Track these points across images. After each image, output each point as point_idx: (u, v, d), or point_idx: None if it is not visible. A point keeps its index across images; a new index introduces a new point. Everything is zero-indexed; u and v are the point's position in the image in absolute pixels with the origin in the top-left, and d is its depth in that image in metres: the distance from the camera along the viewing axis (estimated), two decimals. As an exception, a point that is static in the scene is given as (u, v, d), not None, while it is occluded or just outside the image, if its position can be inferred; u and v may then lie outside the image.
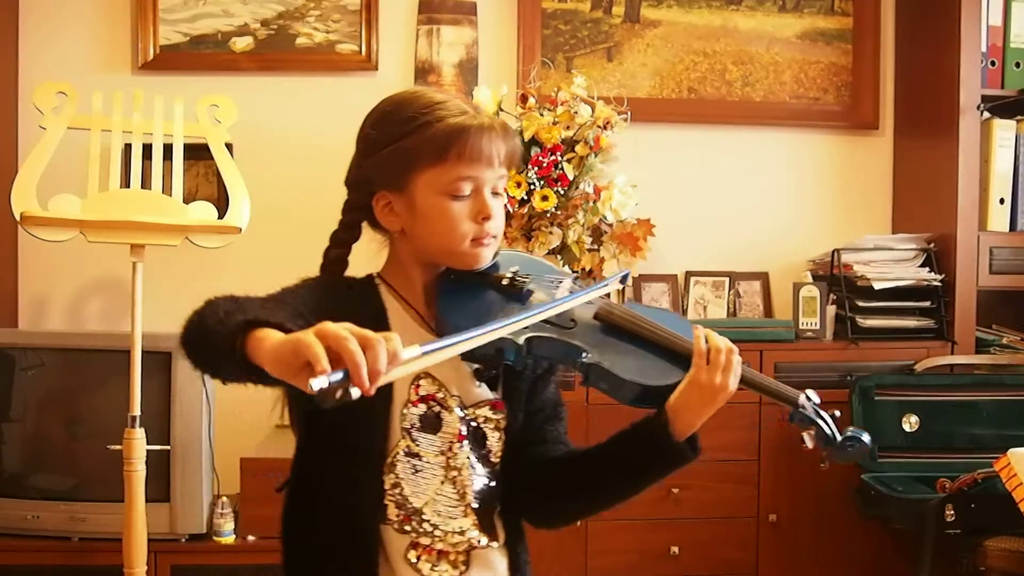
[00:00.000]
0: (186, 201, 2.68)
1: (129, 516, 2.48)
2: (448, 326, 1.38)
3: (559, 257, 2.92)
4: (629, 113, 2.93)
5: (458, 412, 1.41)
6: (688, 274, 3.30)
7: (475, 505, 1.41)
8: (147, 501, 2.52)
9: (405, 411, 1.38)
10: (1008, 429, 2.87)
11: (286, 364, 1.03)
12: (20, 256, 3.13)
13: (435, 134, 1.35)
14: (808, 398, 1.43)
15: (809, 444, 1.43)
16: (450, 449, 1.40)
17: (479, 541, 1.41)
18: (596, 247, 2.97)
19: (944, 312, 3.06)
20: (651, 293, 3.26)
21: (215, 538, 2.73)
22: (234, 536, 2.74)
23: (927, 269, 3.10)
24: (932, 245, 3.13)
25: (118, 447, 2.52)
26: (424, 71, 3.23)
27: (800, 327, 3.06)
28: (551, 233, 2.83)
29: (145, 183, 2.65)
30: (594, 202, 2.85)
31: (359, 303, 1.40)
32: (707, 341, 1.39)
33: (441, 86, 3.22)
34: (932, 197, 3.18)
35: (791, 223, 3.39)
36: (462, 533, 1.40)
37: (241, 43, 3.18)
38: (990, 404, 2.92)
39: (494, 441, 1.45)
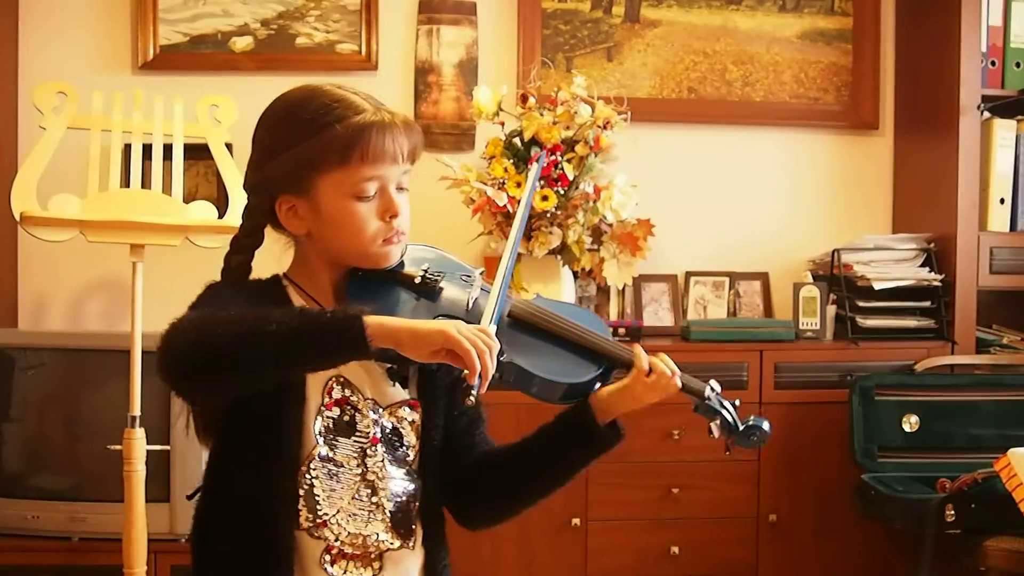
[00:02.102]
0: (186, 201, 2.69)
1: (129, 516, 2.48)
2: None
3: (559, 257, 2.92)
4: (629, 113, 2.93)
5: (372, 415, 1.40)
6: (688, 274, 3.30)
7: (390, 508, 1.40)
8: (147, 501, 2.52)
9: (319, 415, 1.37)
10: (1008, 429, 2.87)
11: (426, 346, 1.22)
12: (20, 256, 3.13)
13: (336, 136, 1.33)
14: (712, 389, 1.45)
15: (715, 433, 1.46)
16: (364, 452, 1.39)
17: (391, 544, 1.40)
18: (596, 247, 2.97)
19: (944, 312, 3.06)
20: (651, 293, 3.26)
21: (215, 538, 2.72)
22: (234, 536, 2.73)
23: (927, 269, 3.10)
24: (932, 245, 3.13)
25: (118, 447, 2.52)
26: (424, 71, 3.23)
27: (800, 327, 3.06)
28: (551, 233, 2.83)
29: (145, 183, 2.65)
30: (594, 202, 2.85)
31: (267, 303, 1.36)
32: (651, 367, 1.40)
33: (441, 86, 3.22)
34: (932, 197, 3.18)
35: (791, 223, 3.39)
36: (375, 536, 1.39)
37: (241, 43, 3.18)
38: (990, 404, 2.92)
39: (411, 442, 1.44)
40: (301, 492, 1.35)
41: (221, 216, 2.66)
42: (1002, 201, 3.10)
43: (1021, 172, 3.11)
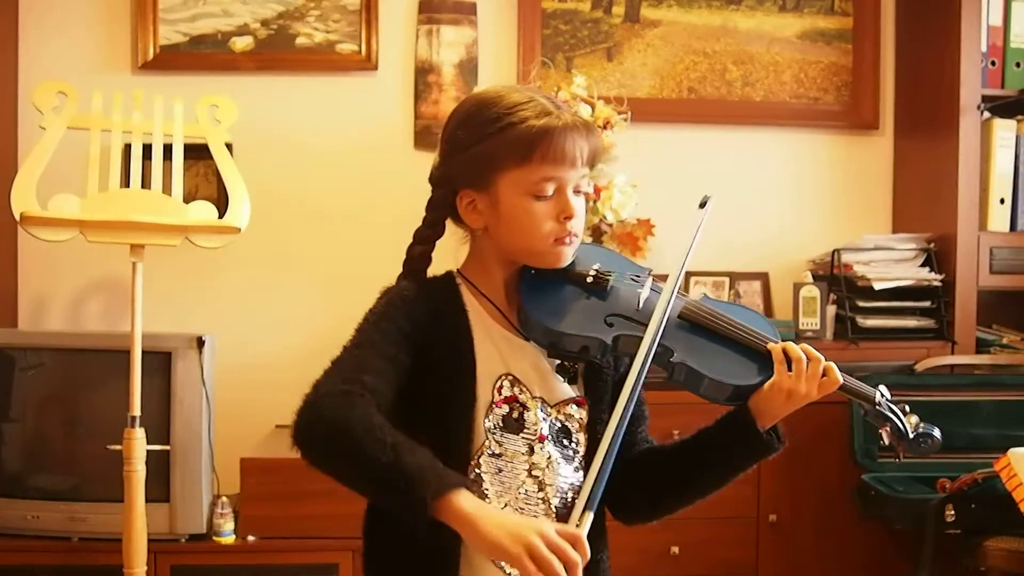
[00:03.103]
0: (186, 201, 2.68)
1: (129, 516, 2.48)
2: (533, 323, 1.40)
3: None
4: (629, 113, 2.93)
5: (540, 412, 1.43)
6: (688, 274, 3.30)
7: (556, 503, 1.43)
8: (147, 501, 2.52)
9: (489, 412, 1.41)
10: (1008, 429, 2.87)
11: (490, 555, 1.27)
12: (20, 256, 3.13)
13: (519, 135, 1.37)
14: (882, 394, 1.47)
15: (885, 440, 1.47)
16: (532, 449, 1.42)
17: None
18: (591, 242, 2.97)
19: (944, 312, 3.06)
20: (651, 293, 3.26)
21: (215, 538, 2.73)
22: (234, 536, 2.74)
23: (927, 269, 3.10)
24: (932, 245, 3.13)
25: (118, 447, 2.52)
26: (424, 71, 3.23)
27: (800, 327, 3.06)
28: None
29: (145, 183, 2.65)
30: (594, 202, 2.85)
31: (441, 303, 1.43)
32: (785, 352, 1.43)
33: (441, 86, 3.22)
34: (932, 197, 3.18)
35: (791, 223, 3.39)
36: None
37: (241, 43, 3.18)
38: (990, 404, 2.92)
39: (579, 439, 1.47)
40: (470, 487, 1.38)
41: (221, 216, 2.66)
42: (1002, 201, 3.10)
43: (1021, 172, 3.11)
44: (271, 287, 3.18)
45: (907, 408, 1.47)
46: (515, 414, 1.42)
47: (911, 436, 1.45)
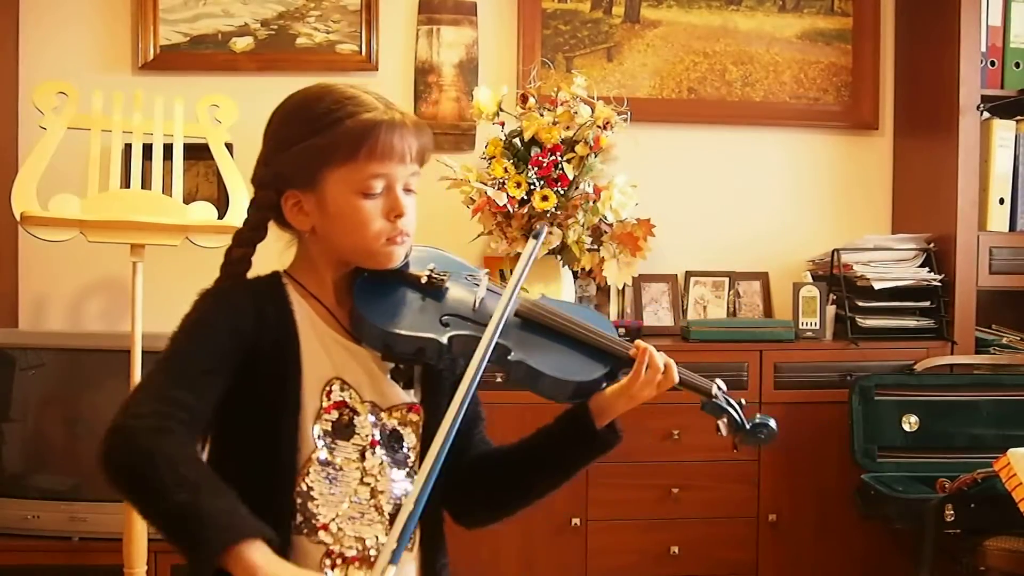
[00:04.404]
0: (186, 201, 2.69)
1: (129, 516, 2.48)
2: (366, 326, 1.36)
3: (559, 257, 2.92)
4: (629, 113, 2.93)
5: (370, 418, 1.39)
6: (688, 274, 3.30)
7: (389, 510, 1.39)
8: (147, 501, 2.52)
9: (318, 419, 1.36)
10: (1008, 429, 2.87)
11: None
12: (20, 256, 3.13)
13: (346, 131, 1.33)
14: (719, 387, 1.47)
15: (723, 431, 1.47)
16: (363, 455, 1.38)
17: None
18: (596, 247, 2.97)
19: (944, 312, 3.06)
20: (651, 293, 3.26)
21: (215, 538, 2.72)
22: (234, 536, 2.73)
23: (927, 269, 3.10)
24: (932, 245, 3.13)
25: (118, 447, 2.52)
26: (424, 71, 3.23)
27: (800, 327, 3.06)
28: (551, 233, 2.83)
29: (145, 183, 2.65)
30: (594, 202, 2.85)
31: (265, 303, 1.37)
32: (648, 360, 1.42)
33: (441, 86, 3.22)
34: (932, 197, 3.18)
35: (791, 223, 3.39)
36: (374, 539, 1.38)
37: (241, 43, 3.18)
38: (990, 404, 2.92)
39: (411, 443, 1.43)
40: (298, 496, 1.34)
41: (221, 216, 2.67)
42: (1001, 201, 3.10)
43: (1021, 172, 3.11)
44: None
45: (743, 401, 1.49)
46: (345, 419, 1.37)
47: (747, 427, 1.46)
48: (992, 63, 3.11)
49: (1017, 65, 3.11)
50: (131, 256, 2.58)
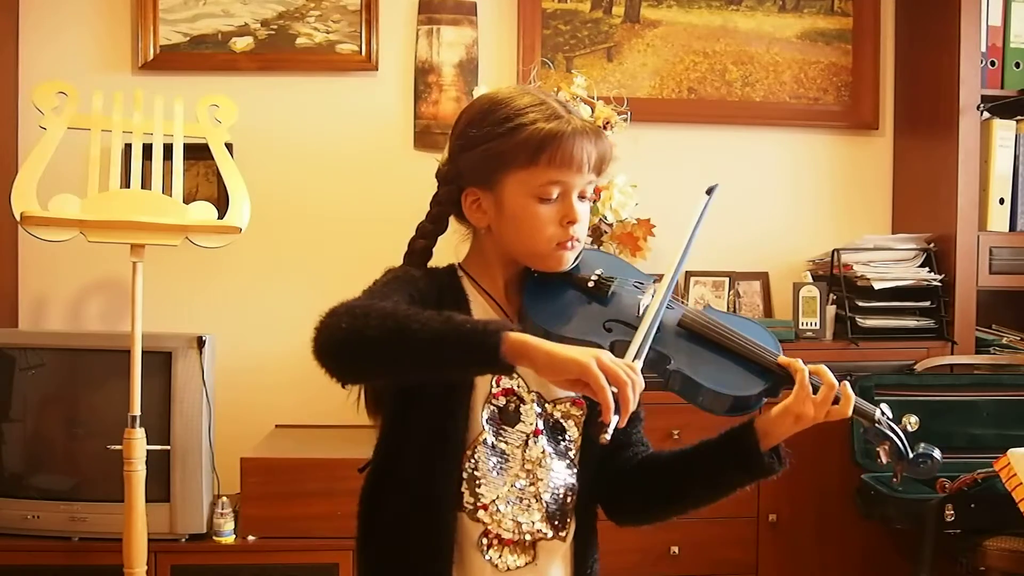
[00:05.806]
0: (186, 201, 2.68)
1: (129, 516, 2.49)
2: (532, 326, 1.39)
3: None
4: (629, 113, 2.93)
5: (536, 408, 1.43)
6: (688, 274, 3.30)
7: (547, 498, 1.43)
8: (147, 501, 2.52)
9: (487, 403, 1.41)
10: (1008, 429, 2.87)
11: (561, 374, 1.20)
12: (20, 256, 3.14)
13: (528, 137, 1.37)
14: (883, 412, 1.45)
15: (883, 459, 1.44)
16: (527, 443, 1.43)
17: (546, 533, 1.44)
18: (596, 247, 2.97)
19: (944, 312, 3.06)
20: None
21: (215, 538, 2.73)
22: (234, 536, 2.74)
23: (927, 269, 3.10)
24: (932, 245, 3.13)
25: (118, 447, 2.52)
26: (424, 71, 3.23)
27: (800, 327, 3.06)
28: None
29: (145, 183, 2.65)
30: (594, 202, 2.85)
31: (443, 291, 1.43)
32: (818, 377, 1.41)
33: (441, 86, 3.22)
34: (932, 197, 3.18)
35: (791, 223, 3.39)
36: (531, 525, 1.42)
37: (241, 43, 3.18)
38: (990, 404, 2.92)
39: (573, 436, 1.47)
40: (464, 475, 1.40)
41: (221, 216, 2.66)
42: (1001, 201, 3.10)
43: (1021, 172, 3.11)
44: (271, 287, 3.18)
45: (908, 427, 1.44)
46: (512, 407, 1.42)
47: (910, 456, 1.42)
48: (992, 63, 3.11)
49: (1017, 65, 3.11)
50: (131, 256, 2.58)
